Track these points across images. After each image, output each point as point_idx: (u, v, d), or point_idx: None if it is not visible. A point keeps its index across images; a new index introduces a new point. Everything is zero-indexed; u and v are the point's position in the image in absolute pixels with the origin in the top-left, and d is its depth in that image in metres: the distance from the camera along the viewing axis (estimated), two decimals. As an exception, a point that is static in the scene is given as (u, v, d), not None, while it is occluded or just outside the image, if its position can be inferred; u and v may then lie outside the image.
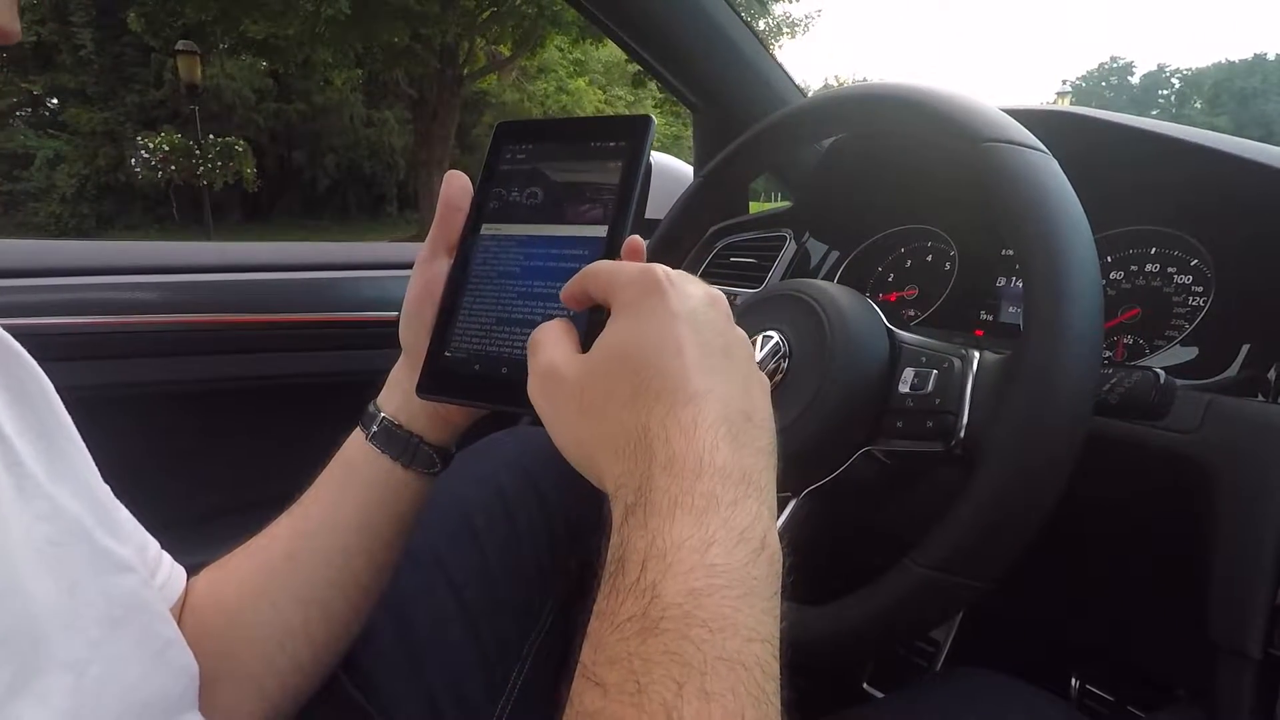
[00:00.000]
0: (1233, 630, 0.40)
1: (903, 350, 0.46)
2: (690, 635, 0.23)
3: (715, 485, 0.26)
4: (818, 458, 0.46)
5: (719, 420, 0.28)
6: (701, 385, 0.28)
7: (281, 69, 15.28)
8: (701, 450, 0.27)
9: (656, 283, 0.30)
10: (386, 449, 0.42)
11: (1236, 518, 0.41)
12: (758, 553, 0.26)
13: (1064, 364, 0.36)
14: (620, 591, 0.25)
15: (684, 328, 0.29)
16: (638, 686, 0.22)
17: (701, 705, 0.22)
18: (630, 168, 0.37)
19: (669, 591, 0.24)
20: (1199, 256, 0.55)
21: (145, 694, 0.32)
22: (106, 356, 0.80)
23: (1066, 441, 0.36)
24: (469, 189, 0.41)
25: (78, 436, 0.36)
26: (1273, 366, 0.47)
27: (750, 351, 0.32)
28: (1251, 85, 58.05)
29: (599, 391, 0.30)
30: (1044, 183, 0.39)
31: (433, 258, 0.41)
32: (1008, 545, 0.37)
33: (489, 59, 14.95)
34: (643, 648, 0.23)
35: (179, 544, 0.44)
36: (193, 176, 11.93)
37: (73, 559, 0.31)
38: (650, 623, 0.24)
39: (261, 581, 0.42)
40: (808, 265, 0.82)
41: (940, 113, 0.44)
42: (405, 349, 0.43)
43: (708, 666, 0.22)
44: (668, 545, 0.25)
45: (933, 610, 0.39)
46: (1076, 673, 0.72)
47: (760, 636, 0.24)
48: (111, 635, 0.31)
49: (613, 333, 0.31)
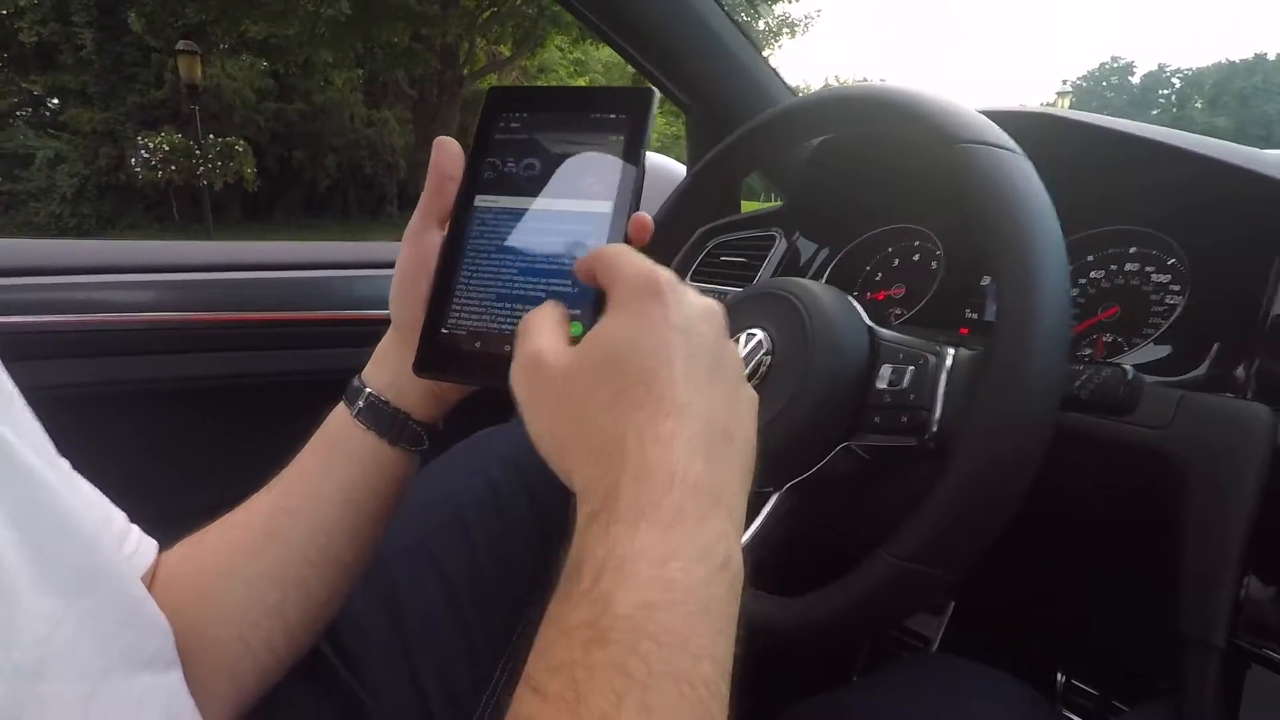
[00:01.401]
0: (1200, 620, 0.41)
1: (882, 347, 0.47)
2: (638, 649, 0.23)
3: (685, 500, 0.26)
4: (799, 452, 0.47)
5: (698, 436, 0.28)
6: (686, 399, 0.28)
7: (282, 69, 15.32)
8: (675, 464, 0.27)
9: (659, 289, 0.30)
10: (373, 425, 0.41)
11: (1205, 510, 0.42)
12: (719, 571, 0.26)
13: (1032, 360, 0.36)
14: (573, 598, 0.25)
15: (678, 339, 0.29)
16: (576, 695, 0.22)
17: (640, 718, 0.22)
18: (633, 141, 0.36)
19: (621, 602, 0.24)
20: (1176, 256, 0.56)
21: (120, 646, 0.32)
22: (105, 354, 0.81)
23: (1034, 436, 0.37)
24: (461, 157, 0.39)
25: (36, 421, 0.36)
26: (1240, 364, 0.48)
27: (740, 368, 0.32)
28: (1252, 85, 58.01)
29: (581, 388, 0.29)
30: (1016, 183, 0.40)
31: (424, 229, 0.39)
32: (976, 537, 0.37)
33: (489, 59, 14.96)
34: (587, 657, 0.23)
35: (177, 540, 0.44)
36: (193, 176, 11.94)
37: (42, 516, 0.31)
38: (598, 632, 0.23)
39: (237, 561, 0.41)
40: (798, 264, 0.83)
41: (918, 114, 0.45)
42: (396, 322, 0.41)
43: (652, 681, 0.22)
44: (626, 555, 0.25)
45: (905, 600, 0.40)
46: (1062, 667, 0.73)
47: (710, 656, 0.24)
48: (83, 591, 0.31)
49: (605, 330, 0.30)
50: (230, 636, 0.40)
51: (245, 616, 0.40)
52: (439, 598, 0.56)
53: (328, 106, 17.01)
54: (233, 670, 0.40)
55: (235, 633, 0.40)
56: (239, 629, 0.40)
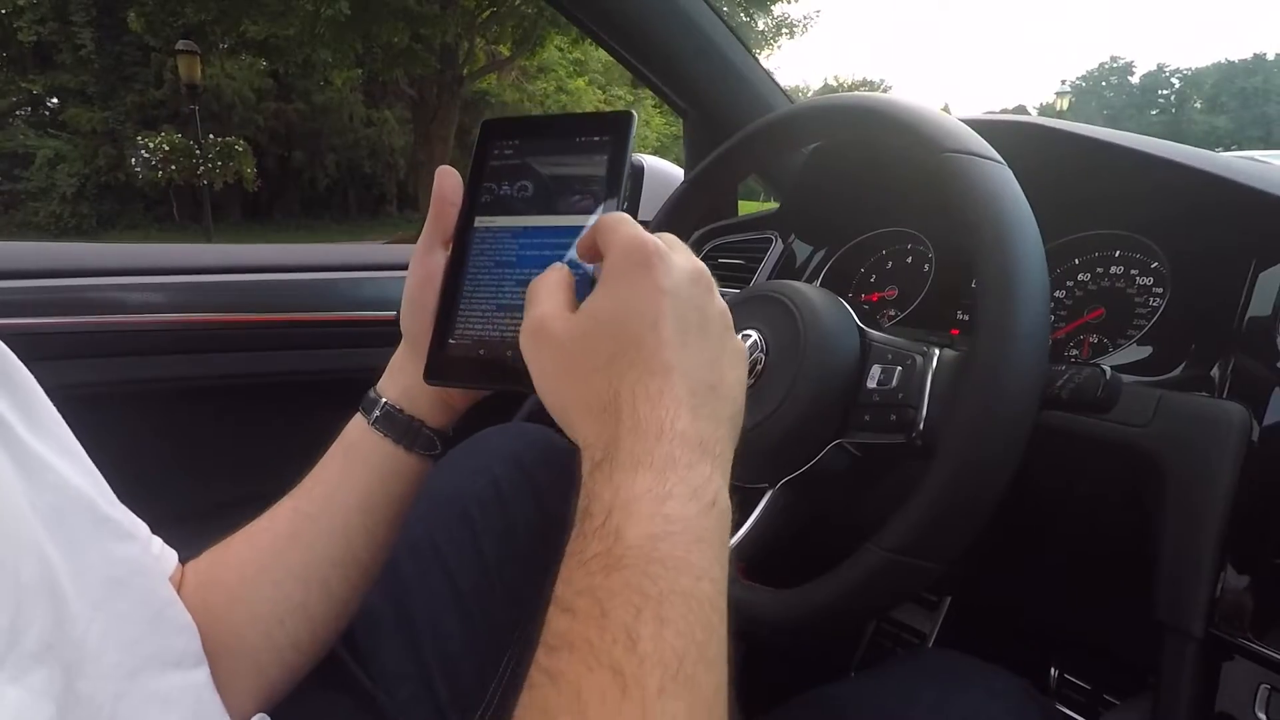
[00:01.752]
0: (1175, 608, 0.43)
1: (872, 348, 0.49)
2: (649, 571, 0.26)
3: (674, 448, 0.29)
4: (792, 450, 0.49)
5: (684, 392, 0.31)
6: (671, 359, 0.31)
7: (281, 69, 15.29)
8: (664, 417, 0.30)
9: (646, 255, 0.32)
10: (388, 432, 0.44)
11: (1182, 504, 0.44)
12: (709, 508, 0.29)
13: (1011, 361, 0.38)
14: (587, 534, 0.28)
15: (665, 302, 0.32)
16: (601, 611, 0.26)
17: (656, 627, 0.25)
18: (615, 160, 0.39)
19: (630, 534, 0.27)
20: (1158, 259, 0.58)
21: (148, 649, 0.34)
22: (106, 355, 0.82)
23: (1013, 433, 0.38)
24: (461, 184, 0.43)
25: (64, 422, 0.38)
26: (1215, 365, 0.49)
27: (724, 323, 0.35)
28: (1252, 85, 57.99)
29: (579, 352, 0.32)
30: (998, 192, 0.42)
31: (429, 250, 0.43)
32: (960, 530, 0.39)
33: (489, 59, 14.95)
34: (607, 581, 0.27)
35: (178, 540, 0.46)
36: (193, 176, 11.95)
37: (76, 525, 0.33)
38: (613, 560, 0.27)
39: (264, 560, 0.44)
40: (794, 266, 0.85)
41: (905, 124, 0.47)
42: (407, 337, 0.44)
43: (663, 597, 0.26)
44: (630, 496, 0.28)
45: (892, 589, 0.42)
46: (1056, 662, 0.75)
47: (709, 576, 0.28)
48: (113, 595, 0.33)
49: (599, 297, 0.33)
50: (258, 635, 0.43)
51: (273, 615, 0.43)
52: (445, 593, 0.57)
53: (327, 106, 17.01)
54: (260, 668, 0.43)
55: (263, 631, 0.43)
56: (266, 627, 0.43)
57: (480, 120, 0.43)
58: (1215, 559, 0.43)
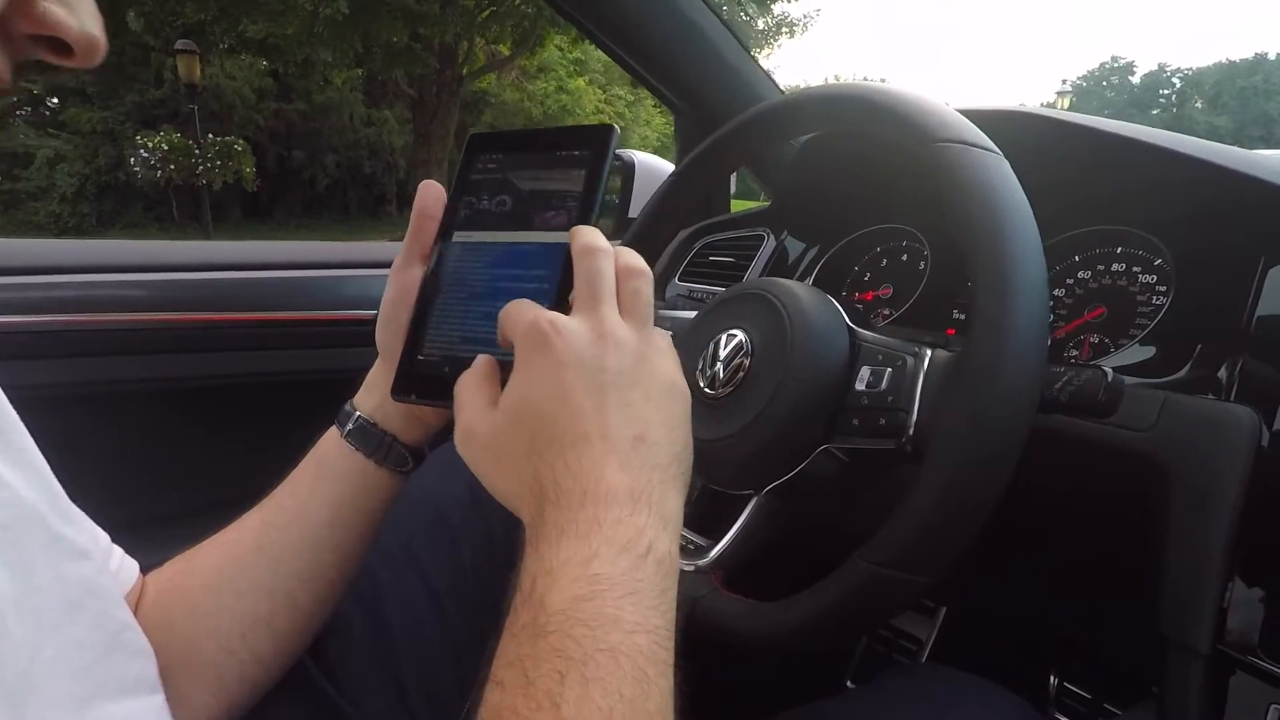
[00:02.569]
0: (1181, 624, 0.41)
1: (861, 349, 0.46)
2: (572, 634, 0.27)
3: (599, 510, 0.30)
4: (777, 454, 0.47)
5: (605, 453, 0.31)
6: (588, 426, 0.31)
7: (281, 68, 15.32)
8: (585, 483, 0.30)
9: (542, 335, 0.32)
10: (361, 446, 0.44)
11: (1188, 513, 0.42)
12: (642, 559, 0.29)
13: (1007, 362, 0.36)
14: (517, 607, 0.29)
15: (570, 374, 0.32)
16: (527, 680, 0.26)
17: (581, 690, 0.25)
18: (593, 174, 0.38)
19: (554, 600, 0.28)
20: (1162, 257, 0.56)
21: (101, 675, 0.33)
22: (102, 354, 0.81)
23: (1009, 438, 0.36)
24: (443, 198, 0.43)
25: (25, 430, 0.37)
26: (1223, 366, 0.47)
27: (647, 370, 0.34)
28: (1253, 84, 57.97)
29: (504, 445, 0.33)
30: (993, 183, 0.40)
31: (406, 265, 0.42)
32: (952, 541, 0.37)
33: (488, 58, 14.96)
34: (533, 649, 0.27)
35: (175, 540, 0.45)
36: (192, 176, 11.95)
37: (26, 544, 0.31)
38: (538, 628, 0.27)
39: (229, 571, 0.43)
40: (786, 263, 0.83)
41: (895, 113, 0.45)
42: (381, 352, 0.44)
43: (588, 658, 0.26)
44: (554, 564, 0.29)
45: (881, 605, 0.39)
46: (1055, 671, 0.73)
47: (644, 628, 0.28)
48: (65, 619, 0.32)
49: (511, 389, 0.34)
50: (219, 648, 0.42)
51: (234, 629, 0.42)
52: (421, 600, 0.56)
53: (327, 106, 17.02)
54: (221, 681, 0.42)
55: (224, 644, 0.42)
56: (227, 641, 0.42)
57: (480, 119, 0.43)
58: (1223, 571, 0.40)
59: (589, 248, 0.35)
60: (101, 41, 0.28)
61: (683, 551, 0.51)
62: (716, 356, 0.50)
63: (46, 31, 0.26)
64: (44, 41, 0.27)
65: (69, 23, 0.26)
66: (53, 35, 0.26)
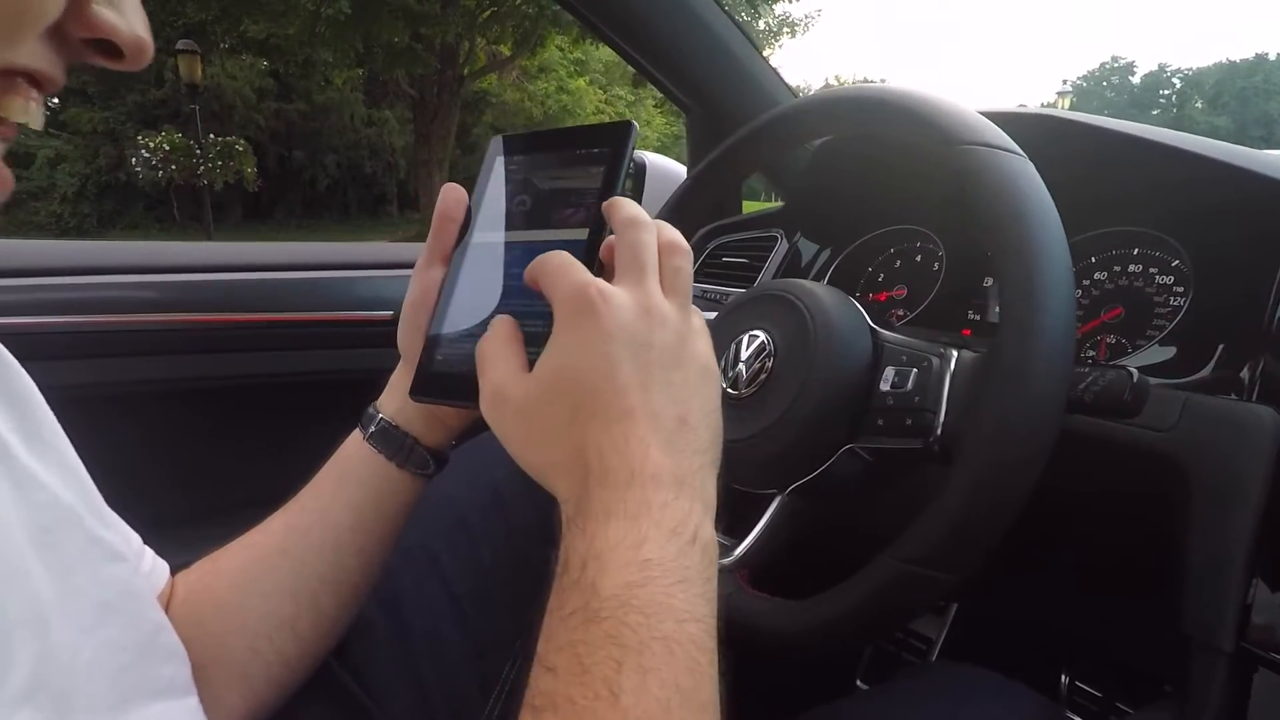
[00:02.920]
0: (1206, 623, 0.41)
1: (885, 349, 0.47)
2: (627, 621, 0.26)
3: (647, 492, 0.29)
4: (801, 455, 0.47)
5: (650, 432, 0.30)
6: (633, 401, 0.30)
7: (282, 68, 15.32)
8: (633, 462, 0.29)
9: (590, 303, 0.31)
10: (383, 449, 0.44)
11: (1210, 513, 0.42)
12: (689, 545, 0.29)
13: (1036, 363, 0.36)
14: (565, 589, 0.28)
15: (617, 347, 0.31)
16: (582, 667, 0.25)
17: (639, 678, 0.25)
18: (611, 172, 0.38)
19: (606, 585, 0.27)
20: (1180, 258, 0.56)
21: (135, 678, 0.33)
22: (106, 355, 0.81)
23: (1039, 438, 0.36)
24: (464, 200, 0.42)
25: (63, 433, 0.37)
26: (1244, 366, 0.47)
27: (689, 351, 0.33)
28: (1253, 85, 57.94)
29: (541, 415, 0.32)
30: (1019, 185, 0.40)
31: (428, 266, 0.42)
32: (980, 540, 0.37)
33: (489, 59, 14.95)
34: (586, 635, 0.26)
35: (171, 543, 0.45)
36: (193, 176, 11.93)
37: (66, 547, 0.32)
38: (591, 613, 0.26)
39: (254, 573, 0.43)
40: (799, 265, 0.83)
41: (919, 116, 0.45)
42: (403, 353, 0.44)
43: (643, 646, 0.25)
44: (604, 546, 0.28)
45: (909, 603, 0.40)
46: (1067, 669, 0.73)
47: (694, 617, 0.27)
48: (103, 621, 0.32)
49: (551, 355, 0.32)
50: (245, 649, 0.42)
51: (260, 630, 0.42)
52: (443, 601, 0.56)
53: (328, 106, 17.02)
54: (248, 683, 0.42)
55: (250, 644, 0.42)
56: (254, 641, 0.42)
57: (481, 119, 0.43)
58: (1246, 570, 0.41)
59: (632, 219, 0.34)
60: (149, 44, 0.28)
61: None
62: (739, 357, 0.50)
63: (99, 35, 0.26)
64: (95, 45, 0.27)
65: (119, 26, 0.27)
66: (104, 39, 0.27)
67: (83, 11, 0.25)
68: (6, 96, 0.25)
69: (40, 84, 0.26)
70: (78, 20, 0.26)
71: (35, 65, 0.25)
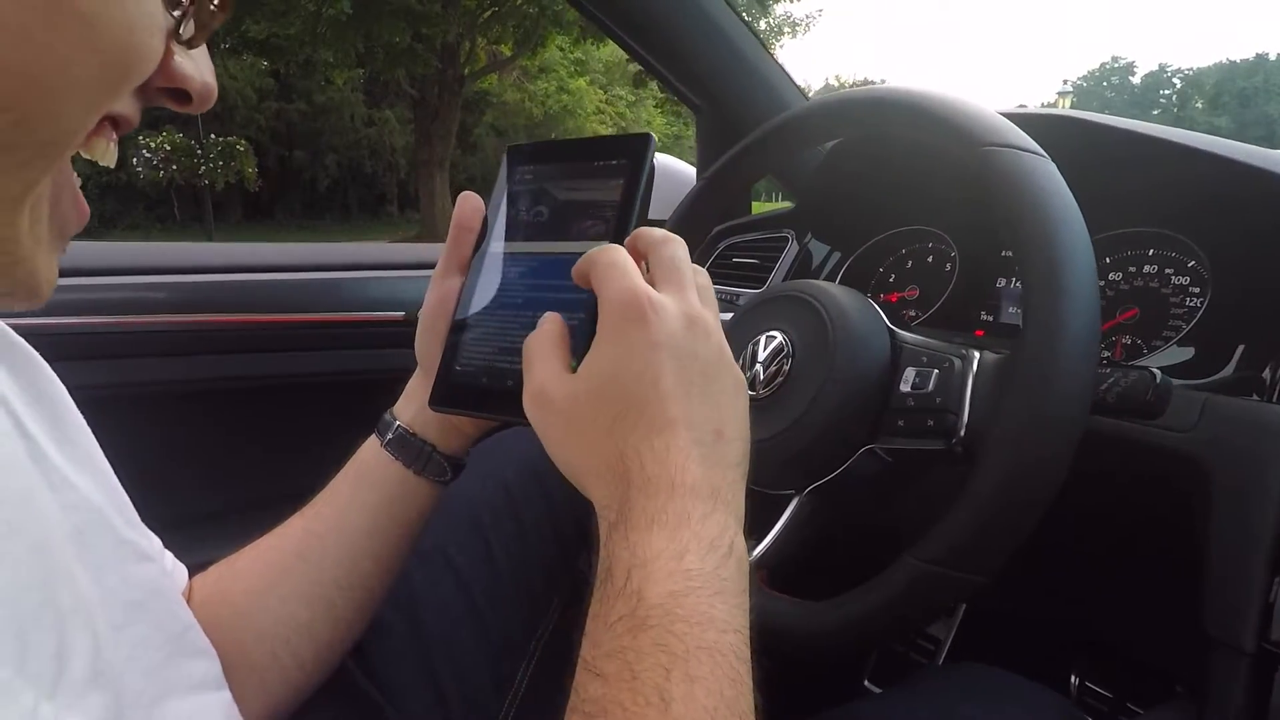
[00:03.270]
0: (1227, 623, 0.41)
1: (904, 350, 0.47)
2: (674, 630, 0.26)
3: (687, 503, 0.29)
4: (820, 455, 0.47)
5: (690, 443, 0.31)
6: (675, 412, 0.31)
7: (283, 69, 15.31)
8: (673, 473, 0.30)
9: (640, 311, 0.32)
10: (400, 455, 0.44)
11: (1232, 514, 0.42)
12: (726, 557, 0.29)
13: (1061, 364, 0.36)
14: (611, 596, 0.28)
15: (663, 356, 0.31)
16: (632, 674, 0.26)
17: (687, 687, 0.25)
18: (630, 184, 0.38)
19: (652, 594, 0.27)
20: (1196, 258, 0.56)
21: (168, 675, 0.33)
22: (108, 356, 0.81)
23: (1064, 439, 0.36)
24: (481, 209, 0.43)
25: (90, 433, 0.37)
26: (1267, 366, 0.47)
27: (726, 364, 0.34)
28: (1253, 85, 57.97)
29: (583, 417, 0.32)
30: (1043, 186, 0.40)
31: (446, 275, 0.43)
32: (1005, 540, 0.37)
33: (490, 59, 14.95)
34: (634, 642, 0.27)
35: (183, 543, 0.45)
36: (194, 176, 11.95)
37: (97, 547, 0.32)
38: (638, 621, 0.27)
39: (271, 578, 0.44)
40: (810, 266, 0.83)
41: (941, 117, 0.45)
42: (420, 361, 0.44)
43: (690, 655, 0.26)
44: (648, 556, 0.28)
45: (932, 604, 0.40)
46: (1076, 669, 0.73)
47: (733, 627, 0.28)
48: (133, 620, 0.32)
49: (597, 359, 0.32)
50: (263, 653, 0.42)
51: (277, 634, 0.43)
52: (457, 601, 0.56)
53: (328, 106, 17.02)
54: (264, 686, 0.43)
55: (268, 649, 0.43)
56: (272, 645, 0.43)
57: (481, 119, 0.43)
58: (1268, 570, 0.41)
59: (664, 236, 0.35)
60: (215, 89, 0.29)
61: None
62: (756, 358, 0.50)
63: (176, 85, 0.27)
64: (169, 92, 0.28)
65: (193, 76, 0.28)
66: (179, 88, 0.28)
67: (166, 65, 0.27)
68: (94, 139, 0.26)
69: (119, 125, 0.27)
70: (161, 72, 0.27)
71: (123, 111, 0.27)
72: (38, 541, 0.26)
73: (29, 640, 0.23)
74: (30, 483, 0.28)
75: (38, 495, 0.28)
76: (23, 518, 0.25)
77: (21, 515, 0.25)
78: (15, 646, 0.22)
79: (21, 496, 0.26)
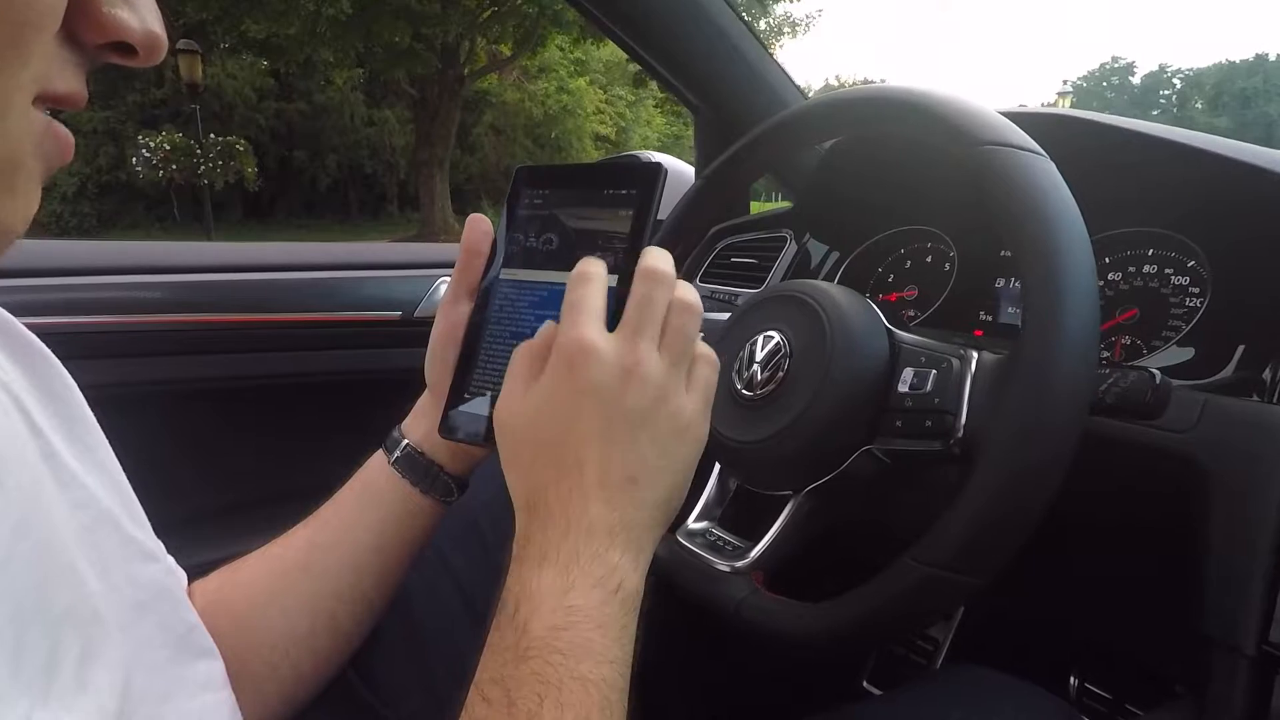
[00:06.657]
0: (1227, 625, 0.41)
1: (902, 350, 0.47)
2: (550, 660, 0.29)
3: (578, 544, 0.32)
4: (818, 456, 0.47)
5: (595, 486, 0.33)
6: (585, 455, 0.33)
7: (282, 68, 15.31)
8: (571, 513, 0.32)
9: (570, 358, 0.33)
10: (407, 474, 0.44)
11: (1232, 515, 0.42)
12: (612, 595, 0.32)
13: (1061, 364, 0.36)
14: (503, 625, 0.31)
15: (586, 402, 0.33)
16: (509, 701, 0.28)
17: (557, 713, 0.28)
18: (640, 216, 0.38)
19: (536, 627, 0.30)
20: (1196, 258, 0.56)
21: (173, 675, 0.34)
22: (106, 355, 0.81)
23: (1063, 440, 0.36)
24: (490, 233, 0.43)
25: (101, 432, 0.37)
26: (1267, 367, 0.47)
27: (665, 414, 0.35)
28: (1253, 85, 58.00)
29: (514, 451, 0.35)
30: (1042, 186, 0.40)
31: (455, 301, 0.43)
32: (1005, 542, 0.37)
33: (490, 58, 14.95)
34: (516, 671, 0.29)
35: (182, 543, 0.44)
36: (194, 175, 11.93)
37: (104, 546, 0.32)
38: (520, 652, 0.30)
39: (274, 587, 0.44)
40: (808, 266, 0.83)
41: (940, 116, 0.45)
42: (429, 386, 0.45)
43: (563, 684, 0.29)
44: (535, 590, 0.31)
45: (931, 606, 0.40)
46: (1075, 671, 0.73)
47: (608, 659, 0.30)
48: (138, 619, 0.32)
49: (535, 394, 0.35)
50: (262, 663, 0.43)
51: (277, 645, 0.43)
52: (455, 603, 0.56)
53: (328, 106, 17.03)
54: (261, 696, 0.43)
55: (266, 660, 0.43)
56: (270, 656, 0.43)
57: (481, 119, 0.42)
58: (1268, 572, 0.40)
59: (651, 271, 0.35)
60: (163, 38, 0.27)
61: (721, 552, 0.51)
62: (753, 358, 0.50)
63: (112, 37, 0.25)
64: (109, 46, 0.26)
65: (132, 24, 0.25)
66: (118, 40, 0.26)
67: (93, 13, 0.24)
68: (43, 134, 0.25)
69: (62, 104, 0.26)
70: (89, 24, 0.24)
71: (55, 89, 0.24)
72: (44, 540, 0.26)
73: (25, 645, 0.23)
74: (40, 480, 0.28)
75: (47, 493, 0.28)
76: (31, 517, 0.25)
77: (30, 514, 0.25)
78: (10, 652, 0.22)
79: (31, 495, 0.26)
